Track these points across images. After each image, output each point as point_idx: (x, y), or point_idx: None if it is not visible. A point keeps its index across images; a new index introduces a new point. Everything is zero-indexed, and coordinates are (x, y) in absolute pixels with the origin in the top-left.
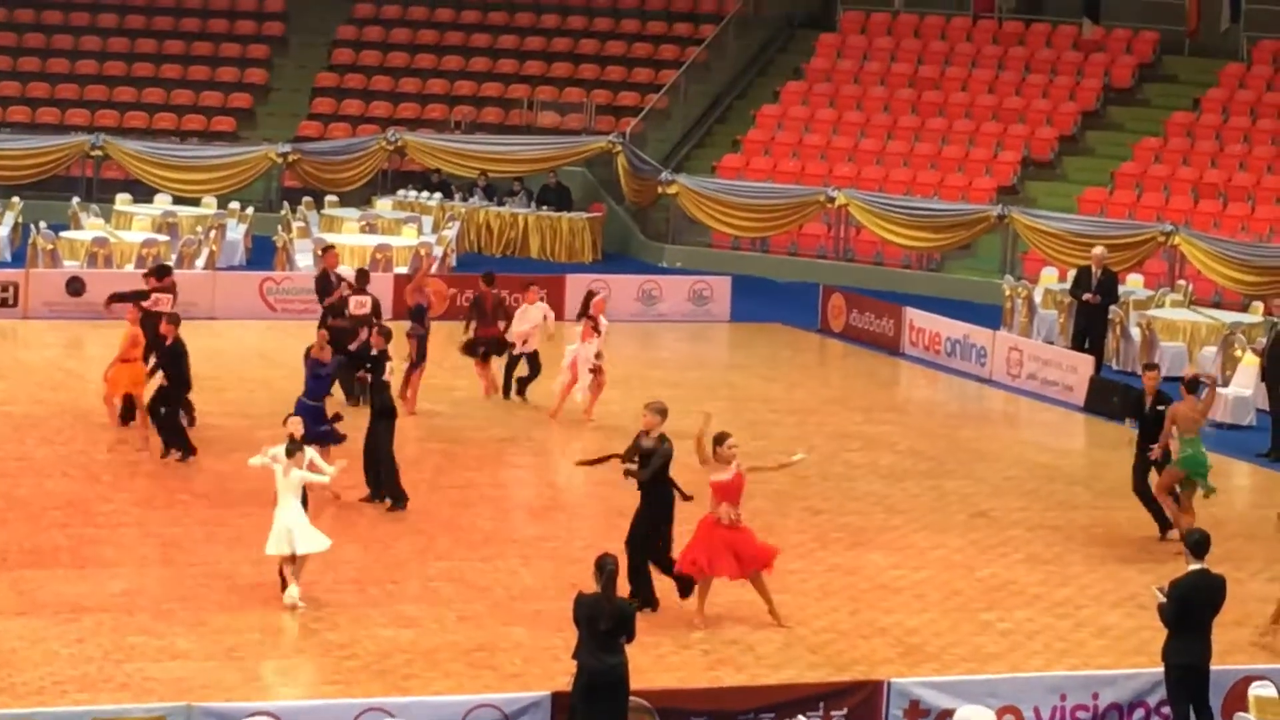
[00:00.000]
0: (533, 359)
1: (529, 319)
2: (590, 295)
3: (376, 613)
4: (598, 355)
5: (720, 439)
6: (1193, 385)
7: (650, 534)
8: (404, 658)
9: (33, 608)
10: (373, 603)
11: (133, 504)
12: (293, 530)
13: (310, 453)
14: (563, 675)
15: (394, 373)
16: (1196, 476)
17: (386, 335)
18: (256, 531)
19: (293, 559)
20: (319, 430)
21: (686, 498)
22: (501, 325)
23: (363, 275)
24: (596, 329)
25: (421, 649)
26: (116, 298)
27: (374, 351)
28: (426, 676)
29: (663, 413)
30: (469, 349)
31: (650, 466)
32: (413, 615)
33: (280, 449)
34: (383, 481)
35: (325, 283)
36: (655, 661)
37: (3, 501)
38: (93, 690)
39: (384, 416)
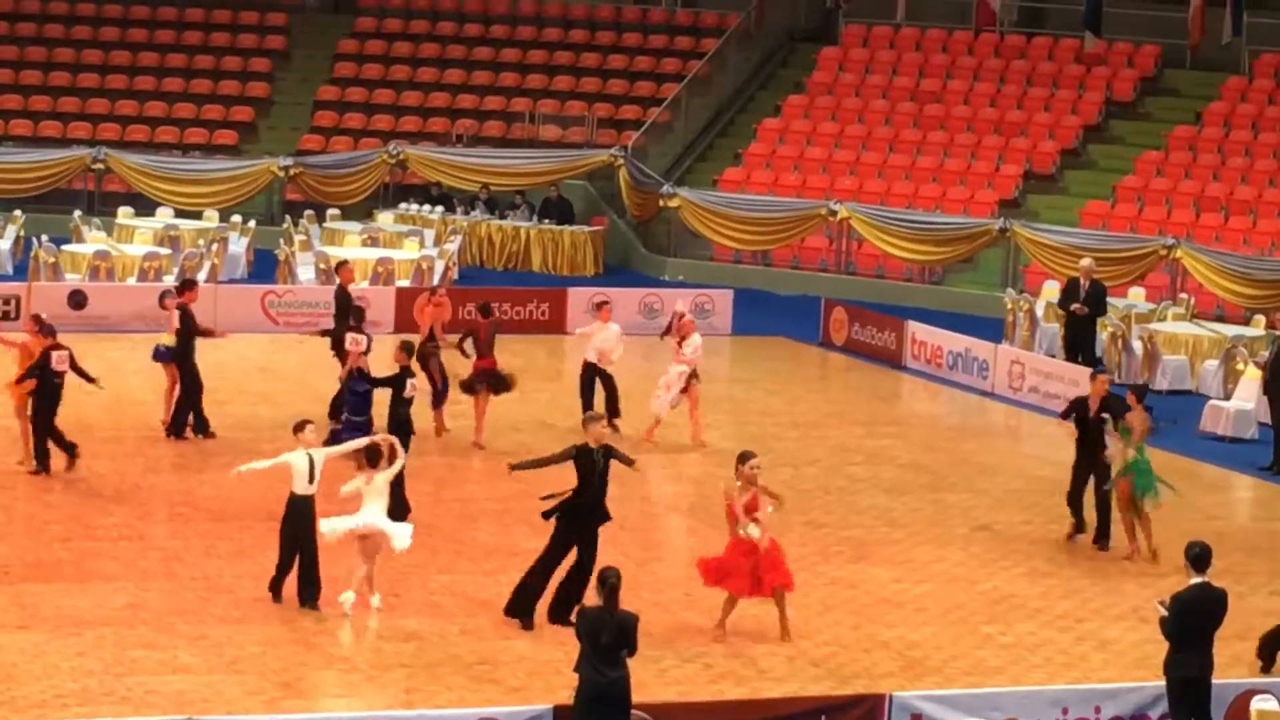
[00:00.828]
0: (609, 380)
1: (604, 338)
2: (680, 316)
3: (378, 625)
4: (693, 376)
5: (744, 458)
6: (1141, 393)
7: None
8: (406, 671)
9: (34, 621)
10: (374, 615)
11: (134, 518)
12: (386, 532)
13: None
14: (565, 689)
15: (415, 389)
16: (1147, 488)
17: (409, 351)
18: (257, 545)
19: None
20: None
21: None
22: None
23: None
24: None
25: (424, 662)
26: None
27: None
28: (429, 690)
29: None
30: (469, 387)
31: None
32: (415, 628)
33: (359, 479)
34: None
35: (344, 298)
36: (657, 675)
37: (4, 515)
38: (94, 704)
39: (399, 435)
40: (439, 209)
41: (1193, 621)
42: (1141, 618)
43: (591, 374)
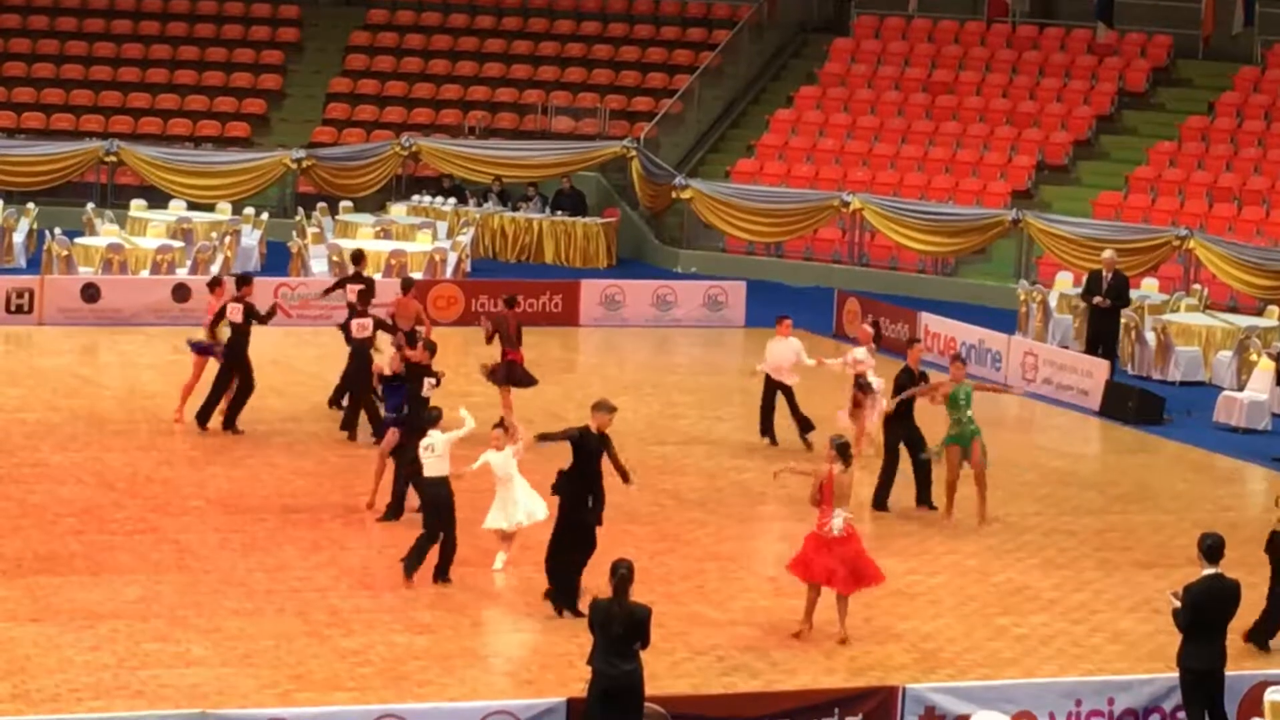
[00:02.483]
0: (789, 392)
1: (781, 353)
2: (876, 324)
3: (391, 618)
4: (864, 384)
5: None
6: (956, 357)
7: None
8: (419, 664)
9: (47, 614)
10: (387, 609)
11: (147, 510)
12: (523, 504)
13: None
14: (578, 681)
15: (433, 388)
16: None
17: (431, 350)
18: (270, 537)
19: (512, 534)
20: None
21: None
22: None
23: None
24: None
25: (436, 655)
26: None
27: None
28: (441, 682)
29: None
30: (496, 375)
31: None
32: (427, 621)
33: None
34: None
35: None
36: (670, 667)
37: (17, 508)
38: (107, 697)
39: (416, 433)
40: (451, 201)
41: (1205, 613)
42: (1155, 609)
43: (771, 388)
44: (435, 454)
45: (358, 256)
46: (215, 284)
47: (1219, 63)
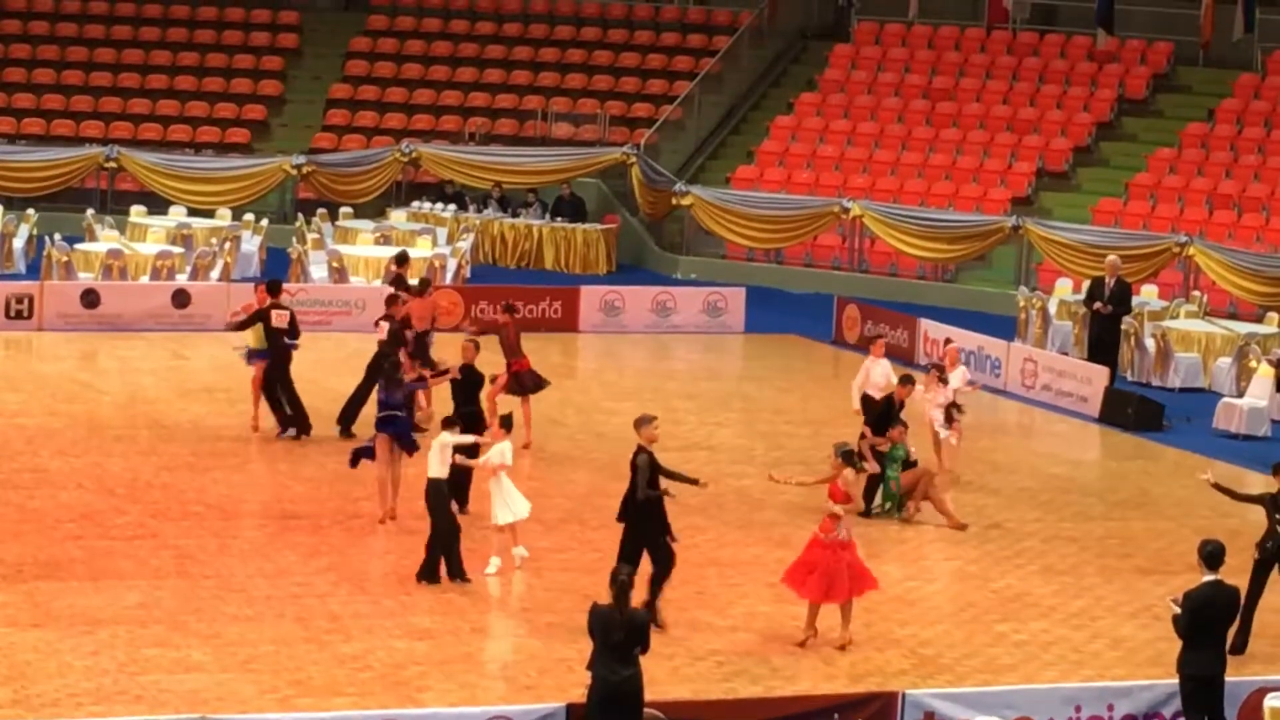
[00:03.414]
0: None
1: (875, 375)
2: (946, 342)
3: (391, 624)
4: (955, 408)
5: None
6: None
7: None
8: (418, 669)
9: (47, 620)
10: (387, 614)
11: (147, 516)
12: (520, 497)
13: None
14: (577, 687)
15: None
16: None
17: (476, 348)
18: (270, 543)
19: (513, 526)
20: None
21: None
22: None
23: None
24: (943, 380)
25: (436, 660)
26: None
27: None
28: (441, 688)
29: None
30: (510, 389)
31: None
32: (427, 627)
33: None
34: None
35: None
36: (670, 673)
37: (17, 514)
38: (107, 702)
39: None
40: (451, 207)
41: (1205, 619)
42: (1154, 615)
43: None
44: (438, 455)
45: (402, 258)
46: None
47: (1219, 70)
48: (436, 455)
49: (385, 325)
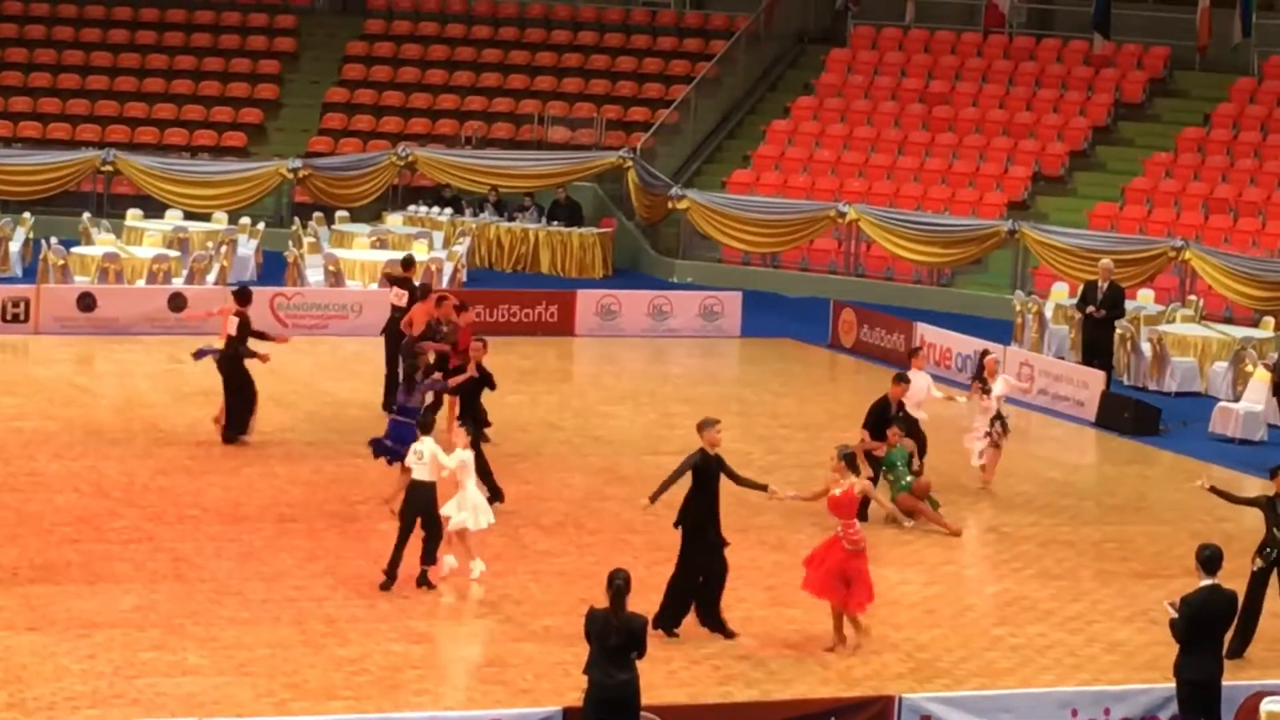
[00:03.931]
0: (915, 427)
1: (920, 386)
2: (984, 354)
3: (387, 627)
4: (997, 420)
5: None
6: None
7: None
8: (415, 673)
9: (44, 623)
10: (383, 617)
11: (143, 520)
12: (483, 505)
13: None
14: (574, 690)
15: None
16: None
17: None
18: (267, 546)
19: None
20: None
21: None
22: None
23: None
24: (985, 391)
25: (432, 664)
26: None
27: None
28: (437, 691)
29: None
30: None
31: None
32: (424, 630)
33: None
34: None
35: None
36: (666, 677)
37: (14, 517)
38: (104, 706)
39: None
40: (448, 211)
41: (1203, 624)
42: (1151, 619)
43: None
44: (424, 460)
45: (408, 262)
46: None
47: (1215, 74)
48: (418, 460)
49: (403, 293)
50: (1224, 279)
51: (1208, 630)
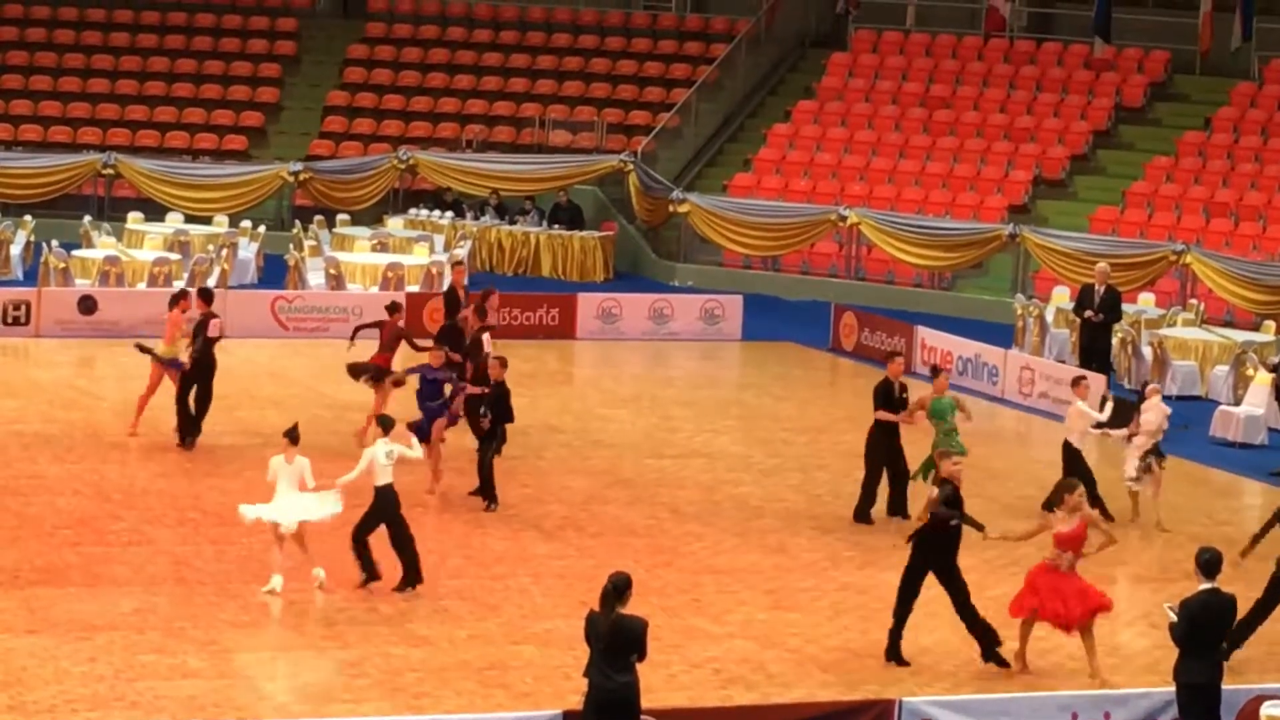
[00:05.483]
0: (1078, 461)
1: (1071, 417)
2: (1144, 384)
3: (388, 630)
4: (1156, 455)
5: (1070, 487)
6: (934, 371)
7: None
8: (415, 676)
9: (44, 626)
10: (384, 620)
11: (144, 522)
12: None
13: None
14: (574, 694)
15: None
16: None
17: (504, 365)
18: (266, 549)
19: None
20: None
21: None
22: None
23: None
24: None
25: (433, 667)
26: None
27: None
28: (438, 695)
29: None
30: (356, 371)
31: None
32: (424, 633)
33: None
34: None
35: (453, 299)
36: (666, 680)
37: (14, 520)
38: (104, 709)
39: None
40: (449, 214)
41: (1202, 627)
42: (1151, 623)
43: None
44: (387, 462)
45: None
46: (181, 297)
47: (1216, 78)
48: (384, 461)
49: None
50: (1225, 283)
51: (1207, 634)
